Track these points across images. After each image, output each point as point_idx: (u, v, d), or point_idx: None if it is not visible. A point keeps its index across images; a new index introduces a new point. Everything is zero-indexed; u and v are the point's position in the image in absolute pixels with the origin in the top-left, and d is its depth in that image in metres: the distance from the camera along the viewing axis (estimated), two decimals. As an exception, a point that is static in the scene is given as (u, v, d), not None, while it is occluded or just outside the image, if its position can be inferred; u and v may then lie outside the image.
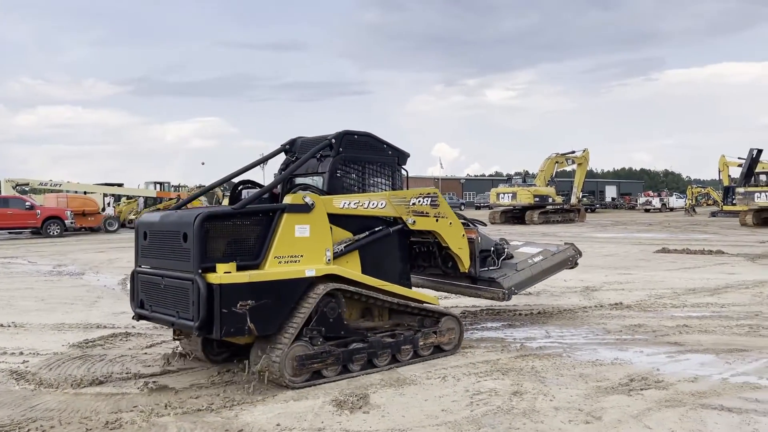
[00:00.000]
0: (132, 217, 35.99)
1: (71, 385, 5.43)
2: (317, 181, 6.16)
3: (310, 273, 5.39)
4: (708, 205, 55.76)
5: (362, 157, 6.16)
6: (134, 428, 4.45)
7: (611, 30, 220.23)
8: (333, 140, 5.98)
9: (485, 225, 8.15)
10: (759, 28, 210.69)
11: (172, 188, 42.07)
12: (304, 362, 5.28)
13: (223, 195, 47.66)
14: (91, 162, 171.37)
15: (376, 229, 6.05)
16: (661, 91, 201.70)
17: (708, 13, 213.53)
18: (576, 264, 8.25)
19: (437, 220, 6.51)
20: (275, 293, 5.16)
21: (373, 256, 6.03)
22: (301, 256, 5.41)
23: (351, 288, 5.66)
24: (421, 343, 6.12)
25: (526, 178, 40.23)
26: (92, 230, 31.17)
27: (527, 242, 8.51)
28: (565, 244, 8.36)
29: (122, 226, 34.39)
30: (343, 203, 5.80)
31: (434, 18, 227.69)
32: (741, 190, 29.82)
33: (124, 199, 38.83)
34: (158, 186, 40.37)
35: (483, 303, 9.32)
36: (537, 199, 35.32)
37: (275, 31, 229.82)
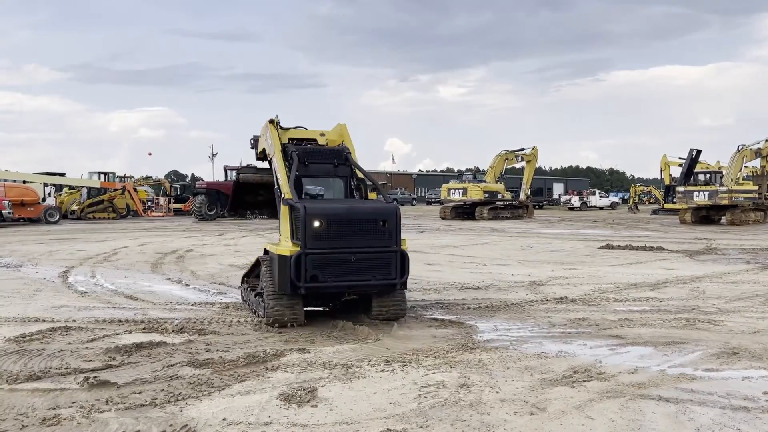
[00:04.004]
0: (74, 207, 34.75)
1: (6, 381, 5.21)
2: (337, 182, 7.83)
3: None
4: (650, 203, 57.62)
5: None
6: (73, 425, 4.31)
7: (561, 30, 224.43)
8: (348, 153, 7.85)
9: None
10: (701, 33, 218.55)
11: (117, 179, 40.84)
12: None
13: (171, 186, 46.72)
14: (31, 150, 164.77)
15: None
16: (608, 92, 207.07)
17: (653, 17, 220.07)
18: None
19: None
20: None
21: None
22: None
23: None
24: None
25: (476, 174, 40.82)
26: (32, 221, 30.03)
27: None
28: None
29: (64, 217, 33.20)
30: None
31: (388, 12, 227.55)
32: (681, 189, 30.88)
33: (66, 189, 37.49)
34: (103, 176, 39.12)
35: (432, 297, 9.41)
36: (487, 195, 35.87)
37: (226, 21, 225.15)
